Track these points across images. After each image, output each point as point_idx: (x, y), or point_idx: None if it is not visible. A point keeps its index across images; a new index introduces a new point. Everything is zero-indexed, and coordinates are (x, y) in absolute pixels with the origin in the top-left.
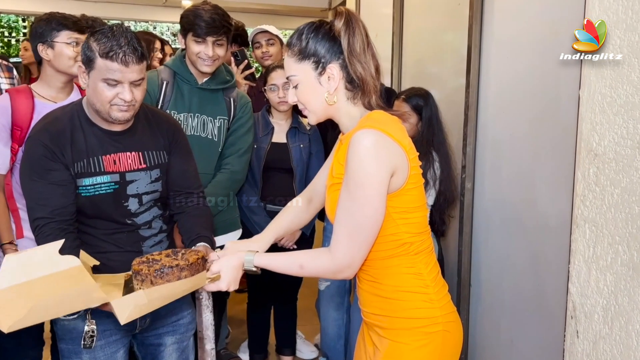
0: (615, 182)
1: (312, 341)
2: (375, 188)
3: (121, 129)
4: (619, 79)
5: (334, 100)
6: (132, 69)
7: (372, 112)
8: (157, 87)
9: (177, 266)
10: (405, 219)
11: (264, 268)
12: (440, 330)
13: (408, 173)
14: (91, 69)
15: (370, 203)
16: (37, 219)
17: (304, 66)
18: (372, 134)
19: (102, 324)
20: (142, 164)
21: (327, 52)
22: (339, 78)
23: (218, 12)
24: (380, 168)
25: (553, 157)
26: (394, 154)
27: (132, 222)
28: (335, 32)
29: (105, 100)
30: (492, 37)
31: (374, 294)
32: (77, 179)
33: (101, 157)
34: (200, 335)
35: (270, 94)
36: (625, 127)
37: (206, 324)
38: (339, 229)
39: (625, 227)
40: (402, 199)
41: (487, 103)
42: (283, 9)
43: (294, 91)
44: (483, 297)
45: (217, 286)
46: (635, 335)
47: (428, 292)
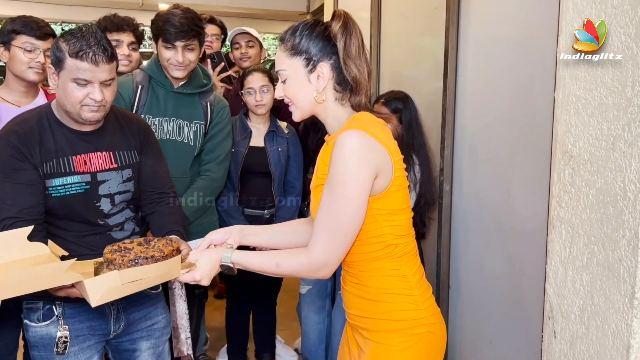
0: (591, 183)
1: (292, 346)
2: (357, 188)
3: (91, 129)
4: (592, 81)
5: (322, 99)
6: (102, 68)
7: (358, 114)
8: (131, 91)
9: (152, 257)
10: (389, 221)
11: (240, 266)
12: (425, 332)
13: (392, 175)
14: (61, 70)
15: (351, 203)
16: (6, 218)
17: (295, 62)
18: (357, 134)
19: (75, 329)
20: (113, 164)
21: (319, 51)
22: (328, 78)
23: (187, 16)
24: (363, 168)
25: (529, 158)
26: (378, 155)
27: (105, 222)
28: (330, 33)
29: (76, 101)
30: (469, 40)
31: (358, 296)
32: (46, 179)
33: (71, 158)
34: (175, 325)
35: (248, 98)
36: (600, 128)
37: (180, 313)
38: (318, 227)
39: (601, 228)
40: (387, 201)
41: (464, 106)
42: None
43: (282, 86)
44: (462, 299)
45: (191, 276)
46: (611, 334)
47: (413, 294)
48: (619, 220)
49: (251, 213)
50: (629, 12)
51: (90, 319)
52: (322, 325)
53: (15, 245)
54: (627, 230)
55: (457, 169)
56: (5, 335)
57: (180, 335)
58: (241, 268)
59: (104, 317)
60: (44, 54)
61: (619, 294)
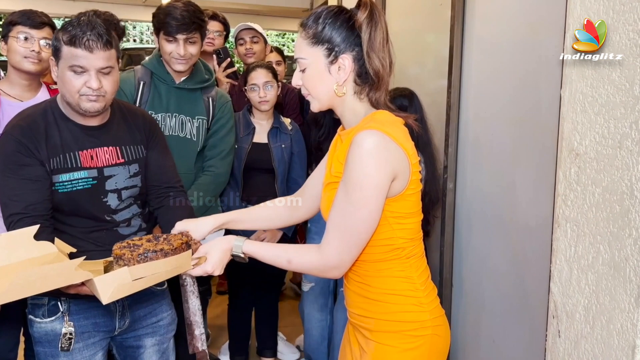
0: (597, 181)
1: (293, 343)
2: (373, 190)
3: (97, 124)
4: (599, 79)
5: (343, 92)
6: (97, 55)
7: (376, 112)
8: (133, 87)
9: (161, 250)
10: (401, 224)
11: (252, 256)
12: (429, 334)
13: (409, 178)
14: (59, 59)
15: (366, 205)
16: (12, 215)
17: (316, 51)
18: (375, 135)
19: (80, 326)
20: (120, 159)
21: (342, 41)
22: (349, 70)
23: (189, 8)
24: (380, 171)
25: (534, 156)
26: (396, 157)
27: (112, 219)
28: (355, 23)
29: (74, 90)
30: (474, 38)
31: (362, 296)
32: (53, 175)
33: (77, 153)
34: (189, 322)
35: (251, 94)
36: (607, 126)
37: (193, 309)
38: (331, 228)
39: (607, 227)
40: (401, 204)
41: (468, 104)
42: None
43: (300, 75)
44: (465, 297)
45: (202, 269)
46: (616, 334)
47: (418, 296)
48: (625, 219)
49: None
50: (637, 9)
51: (95, 316)
52: (324, 322)
53: (21, 245)
54: (633, 229)
55: (461, 166)
56: (7, 332)
57: (195, 332)
58: (252, 257)
59: (109, 313)
60: (38, 43)
61: (624, 293)
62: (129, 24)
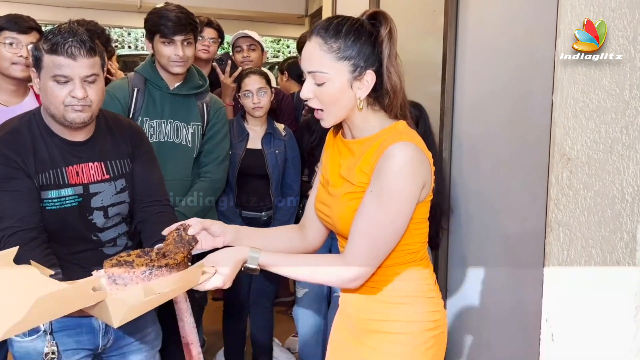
0: (588, 185)
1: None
2: (408, 202)
3: (82, 139)
4: (591, 84)
5: (361, 107)
6: (80, 63)
7: (398, 123)
8: (127, 94)
9: (166, 266)
10: (418, 229)
11: (268, 269)
12: (440, 332)
13: (431, 186)
14: (40, 69)
15: (400, 216)
16: (6, 228)
17: (341, 66)
18: (410, 147)
19: (62, 344)
20: (105, 175)
21: (368, 58)
22: (371, 85)
23: (183, 10)
24: (415, 183)
25: (528, 161)
26: (426, 168)
27: (97, 238)
28: (377, 38)
29: (58, 101)
30: (467, 43)
31: (377, 300)
32: (42, 190)
33: (64, 169)
34: (186, 341)
35: (245, 100)
36: (598, 131)
37: (188, 328)
38: (360, 239)
39: (598, 230)
40: (421, 210)
41: (462, 109)
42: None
43: (314, 88)
44: (460, 301)
45: (213, 284)
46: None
47: (433, 296)
48: (616, 223)
49: (248, 215)
50: (627, 15)
51: (78, 333)
52: (319, 327)
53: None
54: (624, 233)
55: (455, 172)
56: None
57: (193, 352)
58: (266, 269)
59: (92, 331)
60: (26, 48)
61: None
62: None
